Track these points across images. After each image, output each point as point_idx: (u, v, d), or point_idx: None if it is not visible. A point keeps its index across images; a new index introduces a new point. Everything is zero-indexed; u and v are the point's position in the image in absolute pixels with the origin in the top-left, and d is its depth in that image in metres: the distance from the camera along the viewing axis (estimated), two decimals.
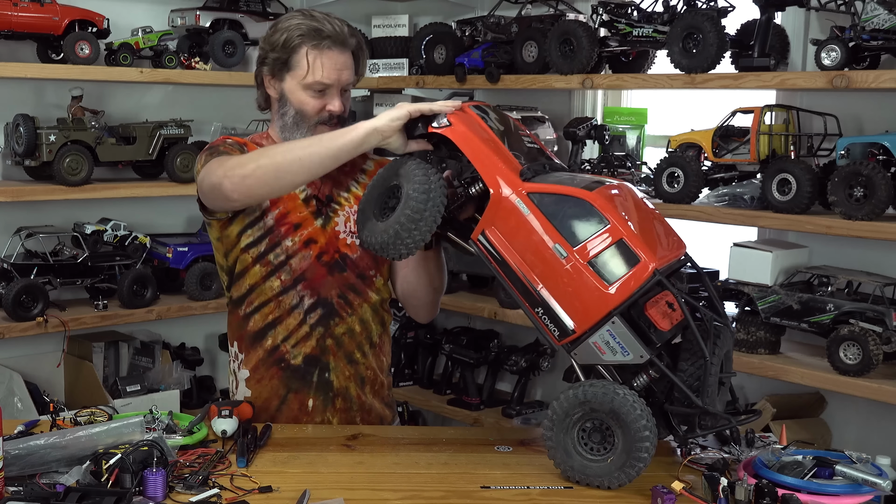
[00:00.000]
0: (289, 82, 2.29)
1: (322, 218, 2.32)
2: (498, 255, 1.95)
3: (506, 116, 2.14)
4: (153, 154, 3.63)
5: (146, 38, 3.61)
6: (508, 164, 1.96)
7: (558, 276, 1.88)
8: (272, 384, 2.34)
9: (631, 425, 1.83)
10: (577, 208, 1.87)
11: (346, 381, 2.36)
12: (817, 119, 3.01)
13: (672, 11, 3.15)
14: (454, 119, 2.01)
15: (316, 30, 2.26)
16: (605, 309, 1.85)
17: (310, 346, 2.32)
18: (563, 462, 1.91)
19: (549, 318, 1.90)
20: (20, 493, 1.76)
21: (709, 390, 1.86)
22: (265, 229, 2.30)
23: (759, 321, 2.99)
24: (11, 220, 3.51)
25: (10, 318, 3.29)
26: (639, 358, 1.86)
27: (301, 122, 2.30)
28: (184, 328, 3.99)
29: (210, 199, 2.23)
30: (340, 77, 2.28)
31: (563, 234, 1.87)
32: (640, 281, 1.83)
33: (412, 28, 4.19)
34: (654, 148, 3.65)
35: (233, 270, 2.35)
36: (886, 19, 2.66)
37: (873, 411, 2.98)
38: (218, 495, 1.82)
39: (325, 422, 2.35)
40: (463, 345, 3.87)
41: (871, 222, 2.70)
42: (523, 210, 1.90)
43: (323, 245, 2.31)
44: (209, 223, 2.35)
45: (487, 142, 1.99)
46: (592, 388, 1.86)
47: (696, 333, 1.84)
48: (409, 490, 1.90)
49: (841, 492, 1.79)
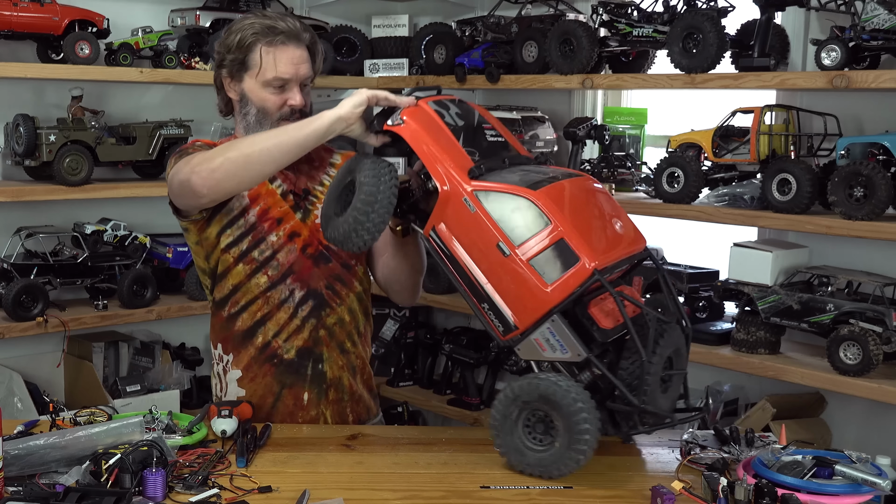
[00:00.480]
0: (247, 81, 2.32)
1: (301, 211, 2.34)
2: (447, 251, 1.97)
3: (470, 111, 2.15)
4: (153, 154, 3.63)
5: (146, 38, 3.61)
6: (458, 161, 1.98)
7: (502, 274, 1.91)
8: (266, 381, 2.34)
9: (561, 402, 1.86)
10: (521, 207, 1.90)
11: (339, 371, 2.37)
12: (817, 119, 3.01)
13: (672, 11, 3.15)
14: (409, 116, 2.03)
15: (269, 27, 2.29)
16: (545, 308, 1.88)
17: (302, 339, 2.33)
18: (518, 462, 1.95)
19: (494, 314, 1.94)
20: (20, 493, 1.76)
21: (647, 389, 1.88)
22: (246, 227, 2.30)
23: (759, 321, 2.99)
24: (11, 220, 3.51)
25: (10, 318, 3.29)
26: (577, 356, 1.89)
27: (264, 120, 2.31)
28: (184, 328, 3.99)
29: (180, 198, 2.24)
30: (298, 71, 2.30)
31: (506, 233, 1.89)
32: (578, 280, 1.86)
33: (412, 28, 4.19)
34: (654, 148, 3.65)
35: (214, 272, 2.35)
36: (886, 19, 2.66)
37: (873, 411, 2.98)
38: (217, 495, 1.82)
39: (318, 415, 2.36)
40: (463, 345, 3.87)
41: (871, 222, 2.70)
42: (469, 207, 1.93)
43: (306, 237, 2.33)
44: (185, 228, 2.36)
45: (439, 140, 2.01)
46: (517, 383, 1.92)
47: (633, 333, 1.87)
48: (409, 490, 1.90)
49: (841, 492, 1.79)
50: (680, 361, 2.03)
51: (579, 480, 1.93)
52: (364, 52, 4.14)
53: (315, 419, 2.36)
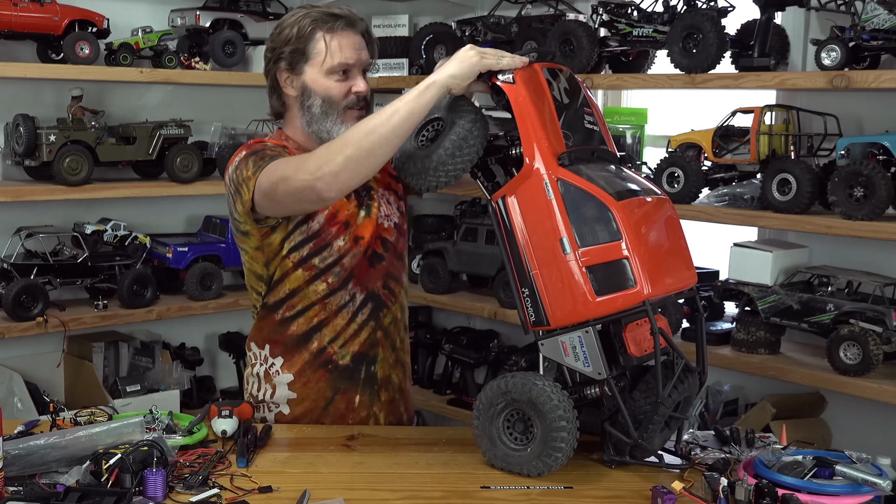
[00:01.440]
0: (309, 73, 2.25)
1: (364, 209, 2.30)
2: (508, 225, 1.94)
3: (577, 89, 2.08)
4: (153, 154, 3.62)
5: (146, 38, 3.61)
6: (553, 141, 1.93)
7: (554, 268, 1.88)
8: (319, 386, 2.32)
9: (547, 415, 1.86)
10: (598, 211, 1.86)
11: (389, 370, 2.37)
12: (817, 119, 3.01)
13: (672, 11, 3.14)
14: (519, 78, 1.97)
15: (328, 14, 2.24)
16: (585, 316, 1.87)
17: (358, 344, 2.31)
18: (488, 450, 1.96)
19: (531, 302, 1.92)
20: (20, 493, 1.76)
21: (650, 427, 1.88)
22: (309, 233, 2.24)
23: (759, 321, 2.99)
24: (11, 220, 3.51)
25: (10, 318, 3.29)
26: (597, 374, 1.88)
27: (330, 110, 2.24)
28: (184, 328, 4.00)
29: (288, 204, 2.15)
30: (360, 56, 2.26)
31: (574, 231, 1.86)
32: (628, 303, 1.85)
33: (412, 28, 4.19)
34: (654, 148, 3.65)
35: (272, 278, 2.29)
36: (886, 19, 2.66)
37: (873, 411, 2.98)
38: (218, 495, 1.82)
39: (370, 416, 2.35)
40: (463, 345, 3.87)
41: (871, 222, 2.70)
42: (548, 192, 1.89)
43: (369, 239, 2.29)
44: (247, 232, 2.25)
45: (542, 112, 1.95)
46: (513, 379, 1.91)
47: (659, 373, 1.85)
48: (409, 490, 1.90)
49: (841, 492, 1.79)
50: (686, 408, 2.03)
51: (579, 480, 1.93)
52: None
53: (365, 420, 2.35)
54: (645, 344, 1.90)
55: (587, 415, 1.99)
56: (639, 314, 1.89)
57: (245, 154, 2.21)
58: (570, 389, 1.97)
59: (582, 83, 2.11)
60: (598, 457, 2.04)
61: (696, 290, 2.04)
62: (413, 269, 4.01)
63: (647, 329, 1.90)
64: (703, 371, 2.03)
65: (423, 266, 3.87)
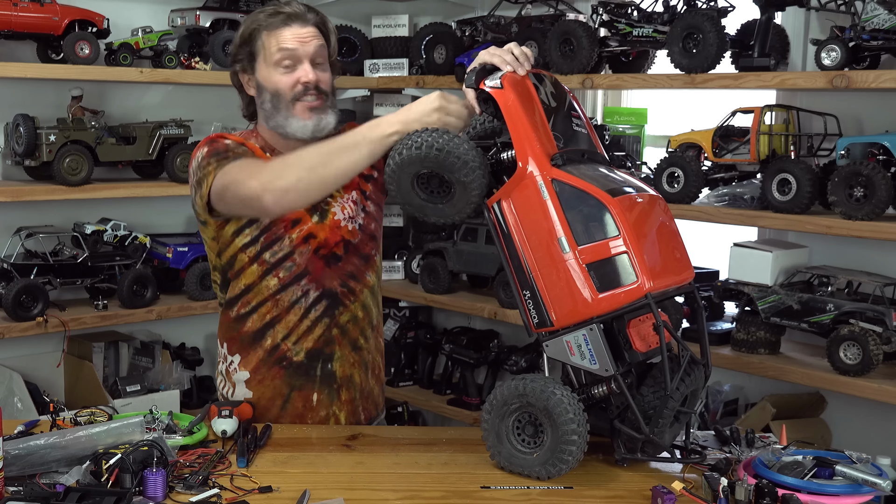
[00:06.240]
0: (260, 70, 2.30)
1: (318, 213, 2.31)
2: (505, 228, 1.94)
3: (563, 93, 2.09)
4: (153, 154, 3.62)
5: (146, 38, 3.61)
6: (544, 143, 1.93)
7: (554, 268, 1.88)
8: (274, 384, 2.33)
9: (561, 426, 1.85)
10: (594, 209, 1.86)
11: (350, 369, 2.36)
12: (817, 119, 3.01)
13: (672, 11, 3.15)
14: (507, 82, 1.98)
15: (272, 13, 2.29)
16: (588, 314, 1.86)
17: (312, 341, 2.32)
18: (493, 446, 1.96)
19: (533, 304, 1.92)
20: (20, 493, 1.76)
21: (661, 421, 1.88)
22: (261, 228, 2.28)
23: (759, 321, 2.99)
24: (11, 220, 3.51)
25: (10, 318, 3.29)
26: (604, 371, 1.87)
27: (279, 103, 2.27)
28: (184, 328, 3.99)
29: (234, 207, 2.20)
30: (304, 46, 2.27)
31: (571, 230, 1.86)
32: (630, 298, 1.84)
33: (412, 28, 4.19)
34: (654, 148, 3.65)
35: (227, 270, 2.34)
36: (886, 19, 2.66)
37: (873, 411, 2.98)
38: (218, 495, 1.82)
39: (330, 415, 2.35)
40: (463, 345, 3.87)
41: (871, 222, 2.70)
42: (543, 193, 1.89)
43: (322, 240, 2.31)
44: (206, 222, 2.31)
45: (532, 116, 1.96)
46: (533, 383, 1.89)
47: (666, 366, 1.85)
48: (409, 490, 1.90)
49: (841, 492, 1.79)
50: (693, 401, 2.03)
51: (580, 480, 1.93)
52: (364, 52, 4.14)
53: (325, 420, 2.35)
54: (649, 339, 1.90)
55: (594, 416, 1.98)
56: (641, 310, 1.89)
57: (207, 150, 2.26)
58: (577, 390, 1.97)
59: (566, 88, 2.14)
60: (599, 457, 2.04)
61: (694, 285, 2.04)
62: (413, 269, 4.01)
63: (651, 324, 1.90)
64: (707, 364, 2.03)
65: (423, 266, 3.87)
